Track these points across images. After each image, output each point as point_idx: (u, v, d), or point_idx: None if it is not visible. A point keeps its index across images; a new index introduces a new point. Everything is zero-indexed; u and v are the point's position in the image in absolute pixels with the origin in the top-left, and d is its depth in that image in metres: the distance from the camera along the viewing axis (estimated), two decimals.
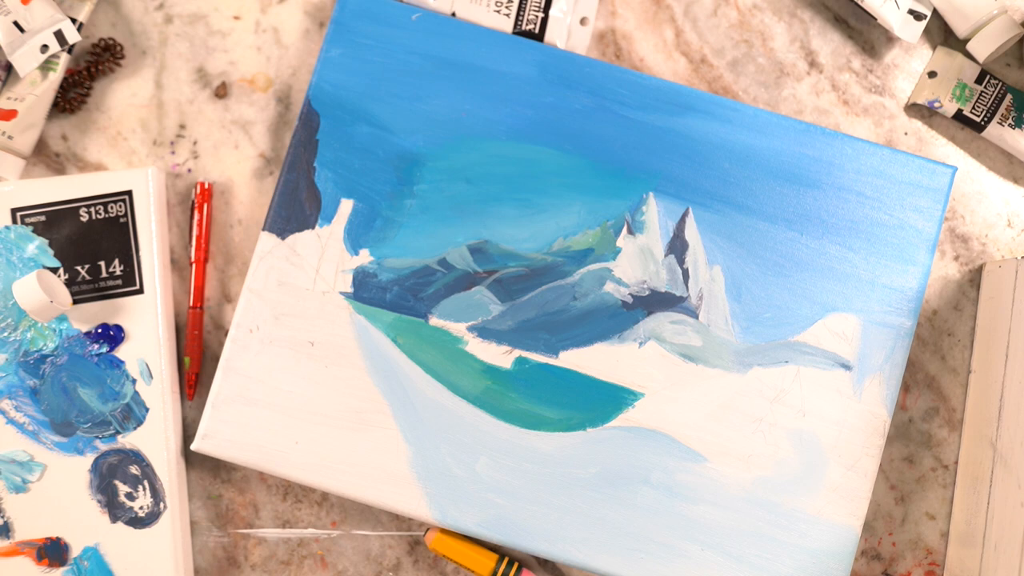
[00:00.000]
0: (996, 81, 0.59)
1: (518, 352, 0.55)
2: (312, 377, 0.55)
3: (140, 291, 0.56)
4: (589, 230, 0.55)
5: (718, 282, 0.55)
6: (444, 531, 0.55)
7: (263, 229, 0.55)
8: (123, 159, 0.58)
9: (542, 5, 0.57)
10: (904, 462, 0.58)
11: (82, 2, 0.57)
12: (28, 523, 0.55)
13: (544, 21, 0.57)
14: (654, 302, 0.55)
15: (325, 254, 0.55)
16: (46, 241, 0.56)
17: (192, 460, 0.57)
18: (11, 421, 0.55)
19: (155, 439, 0.55)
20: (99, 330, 0.55)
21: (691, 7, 0.60)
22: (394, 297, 0.55)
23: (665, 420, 0.55)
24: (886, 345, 0.55)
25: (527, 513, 0.54)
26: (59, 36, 0.56)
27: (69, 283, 0.56)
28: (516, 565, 0.55)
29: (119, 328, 0.55)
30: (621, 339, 0.55)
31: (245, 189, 0.58)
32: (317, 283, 0.55)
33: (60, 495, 0.55)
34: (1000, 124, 0.58)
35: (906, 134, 0.60)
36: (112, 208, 0.56)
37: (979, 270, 0.59)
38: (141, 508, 0.55)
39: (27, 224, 0.56)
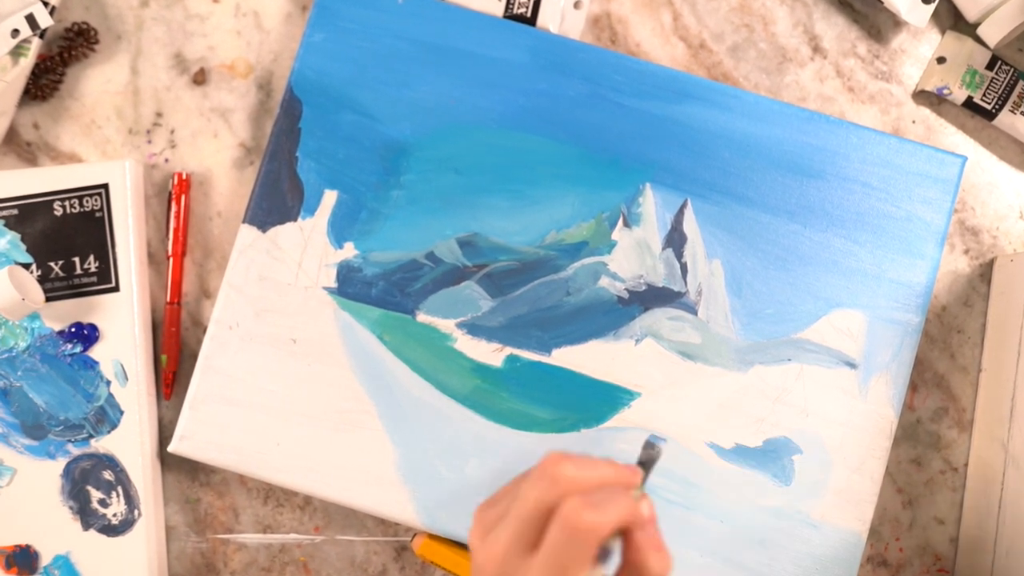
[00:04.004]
0: (1008, 67, 0.58)
1: (509, 350, 0.55)
2: (294, 376, 0.54)
3: (116, 289, 0.55)
4: (583, 222, 0.55)
5: (718, 277, 0.55)
6: (432, 536, 0.55)
7: (243, 222, 0.55)
8: (97, 148, 0.58)
9: None
10: (912, 464, 0.58)
11: None
12: None
13: (536, 4, 0.57)
14: (651, 298, 0.55)
15: (308, 247, 0.55)
16: (18, 236, 0.55)
17: (169, 462, 0.57)
18: None
19: (130, 444, 0.55)
20: (73, 329, 0.55)
21: None
22: (380, 292, 0.55)
23: (663, 421, 0.54)
24: (893, 342, 0.55)
25: None
26: (30, 20, 0.55)
27: (42, 280, 0.55)
28: None
29: (93, 327, 0.55)
30: (617, 336, 0.55)
31: (224, 180, 0.58)
32: (300, 278, 0.55)
33: (30, 501, 0.55)
34: (1012, 112, 0.58)
35: (914, 122, 0.59)
36: (87, 202, 0.56)
37: (990, 264, 0.59)
38: (114, 515, 0.55)
39: None
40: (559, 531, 0.36)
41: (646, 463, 0.48)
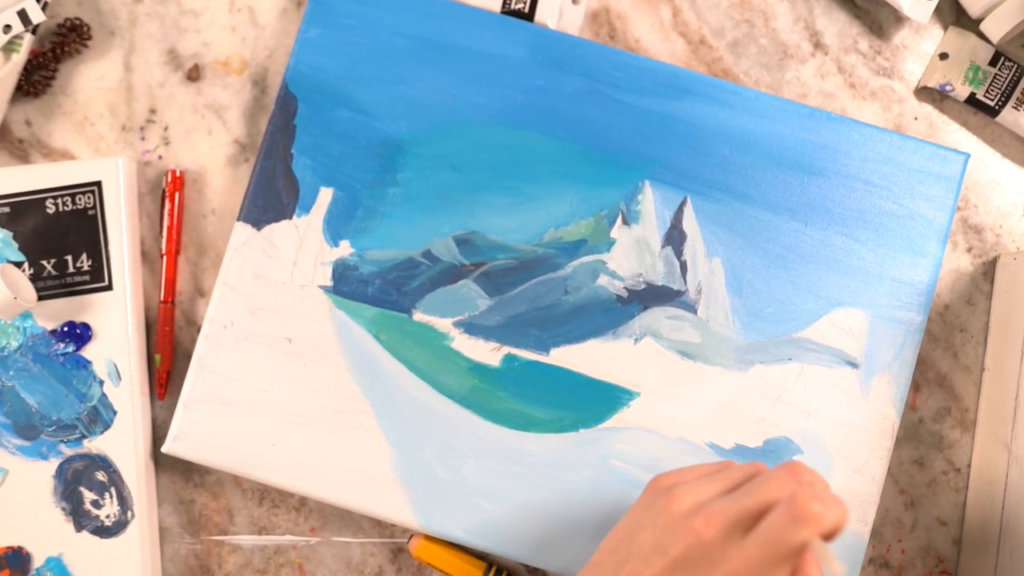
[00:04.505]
0: (1011, 63, 0.58)
1: (507, 349, 0.54)
2: (290, 375, 0.54)
3: (109, 287, 0.55)
4: (582, 220, 0.55)
5: (718, 275, 0.55)
6: (429, 538, 0.55)
7: (238, 219, 0.55)
8: (90, 145, 0.58)
9: None
10: (914, 465, 0.58)
11: None
12: None
13: (534, 0, 0.57)
14: (650, 296, 0.55)
15: (303, 246, 0.55)
16: (10, 234, 0.55)
17: (163, 463, 0.57)
18: None
19: (123, 444, 0.55)
20: (65, 328, 0.55)
21: None
22: (376, 291, 0.55)
23: (662, 421, 0.54)
24: (895, 342, 0.55)
25: (516, 519, 0.53)
26: (23, 16, 0.55)
27: (34, 278, 0.55)
28: (505, 574, 0.55)
29: (86, 326, 0.55)
30: (615, 335, 0.55)
31: (219, 177, 0.58)
32: (295, 276, 0.55)
33: (22, 502, 0.55)
34: (1015, 108, 0.58)
35: (916, 119, 0.59)
36: (80, 200, 0.55)
37: (993, 262, 0.59)
38: (108, 517, 0.54)
39: None
40: (785, 514, 0.38)
41: None
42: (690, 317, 0.55)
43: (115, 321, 0.55)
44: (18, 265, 0.55)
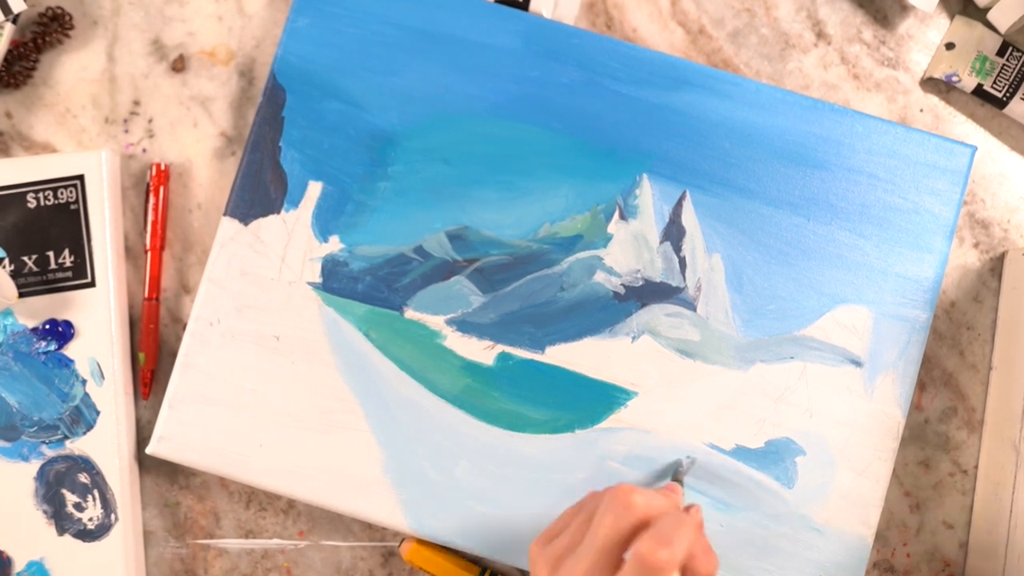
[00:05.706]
0: (1019, 53, 0.58)
1: (501, 347, 0.54)
2: (278, 374, 0.54)
3: (92, 284, 0.55)
4: (578, 215, 0.55)
5: (718, 271, 0.55)
6: (420, 541, 0.55)
7: (224, 214, 0.55)
8: (72, 138, 0.58)
9: None
10: (920, 466, 0.58)
11: None
12: None
13: None
14: (648, 293, 0.55)
15: (292, 241, 0.55)
16: None
17: (147, 464, 0.57)
18: None
19: (106, 445, 0.55)
20: (47, 326, 0.55)
21: None
22: (366, 288, 0.54)
23: (660, 421, 0.54)
24: (900, 340, 0.54)
25: (510, 522, 0.53)
26: (3, 5, 0.55)
27: (15, 275, 0.55)
28: None
29: (68, 324, 0.55)
30: (612, 333, 0.54)
31: (205, 171, 0.58)
32: (283, 272, 0.54)
33: (2, 505, 0.54)
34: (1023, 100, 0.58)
35: (921, 111, 0.59)
36: (62, 194, 0.55)
37: (1001, 258, 0.59)
38: (90, 520, 0.54)
39: None
40: (637, 569, 0.40)
41: (679, 479, 0.51)
42: (689, 314, 0.54)
43: (98, 319, 0.55)
44: None
